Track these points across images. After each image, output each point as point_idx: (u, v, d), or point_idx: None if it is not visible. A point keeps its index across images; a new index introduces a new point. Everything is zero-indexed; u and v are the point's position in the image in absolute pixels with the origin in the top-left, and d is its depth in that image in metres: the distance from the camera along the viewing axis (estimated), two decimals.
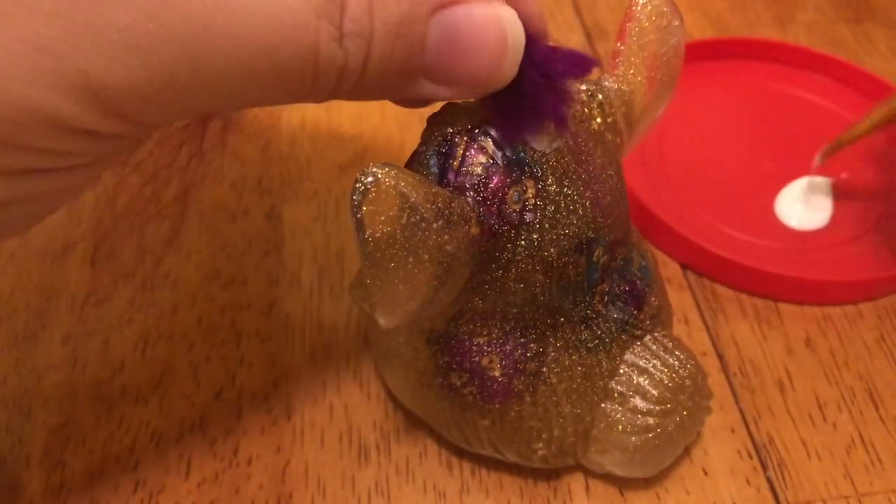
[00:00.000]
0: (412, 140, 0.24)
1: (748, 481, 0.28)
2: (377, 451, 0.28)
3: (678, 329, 0.32)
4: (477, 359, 0.25)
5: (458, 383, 0.25)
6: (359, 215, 0.20)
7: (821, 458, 0.28)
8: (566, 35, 0.45)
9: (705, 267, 0.34)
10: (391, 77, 0.20)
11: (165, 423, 0.29)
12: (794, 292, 0.33)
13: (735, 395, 0.30)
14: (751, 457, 0.28)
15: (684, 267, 0.35)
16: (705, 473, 0.28)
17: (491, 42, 0.20)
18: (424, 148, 0.23)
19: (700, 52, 0.42)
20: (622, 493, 0.27)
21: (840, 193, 0.37)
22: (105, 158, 0.20)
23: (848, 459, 0.28)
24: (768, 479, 0.28)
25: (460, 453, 0.28)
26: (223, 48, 0.18)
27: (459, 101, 0.23)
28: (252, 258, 0.34)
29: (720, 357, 0.31)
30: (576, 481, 0.28)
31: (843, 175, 0.37)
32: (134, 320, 0.32)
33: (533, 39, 0.21)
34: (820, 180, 0.36)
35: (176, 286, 0.33)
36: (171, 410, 0.29)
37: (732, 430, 0.29)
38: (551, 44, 0.22)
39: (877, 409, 0.30)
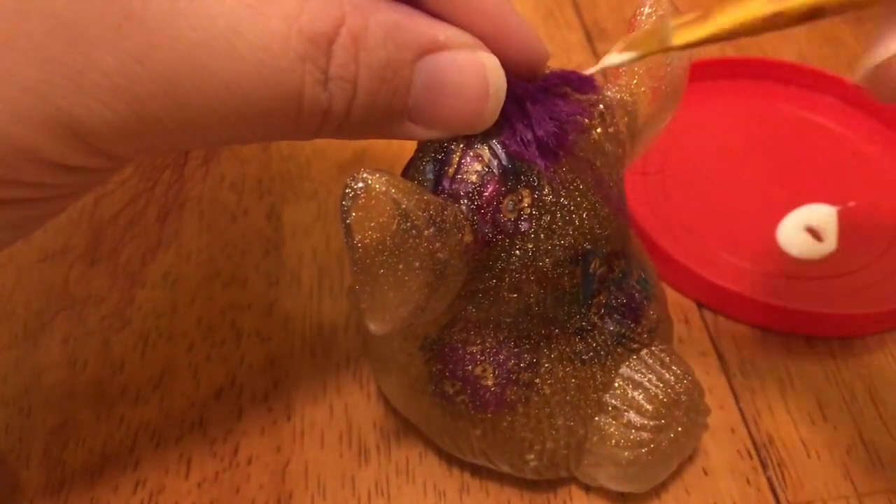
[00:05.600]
0: (411, 141, 0.24)
1: (748, 481, 0.28)
2: (377, 451, 0.28)
3: (678, 329, 0.32)
4: (470, 367, 0.24)
5: (451, 391, 0.25)
6: (348, 221, 0.20)
7: (821, 458, 0.28)
8: (566, 35, 0.45)
9: (703, 294, 0.33)
10: (375, 119, 0.20)
11: (165, 423, 0.29)
12: (784, 323, 0.32)
13: (735, 395, 0.30)
14: (751, 457, 0.28)
15: None
16: (705, 473, 0.28)
17: (473, 88, 0.20)
18: (421, 154, 0.23)
19: (710, 72, 0.41)
20: (622, 493, 0.27)
21: (846, 222, 0.35)
22: (85, 188, 0.21)
23: (848, 459, 0.28)
24: (768, 479, 0.28)
25: None
26: (208, 91, 0.18)
27: None
28: (252, 258, 0.34)
29: (720, 357, 0.31)
30: (576, 481, 0.28)
31: (851, 203, 0.35)
32: (134, 320, 0.32)
33: (530, 81, 0.22)
34: (826, 209, 0.35)
35: (176, 286, 0.33)
36: (171, 410, 0.29)
37: (732, 430, 0.29)
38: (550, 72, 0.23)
39: (877, 409, 0.30)
